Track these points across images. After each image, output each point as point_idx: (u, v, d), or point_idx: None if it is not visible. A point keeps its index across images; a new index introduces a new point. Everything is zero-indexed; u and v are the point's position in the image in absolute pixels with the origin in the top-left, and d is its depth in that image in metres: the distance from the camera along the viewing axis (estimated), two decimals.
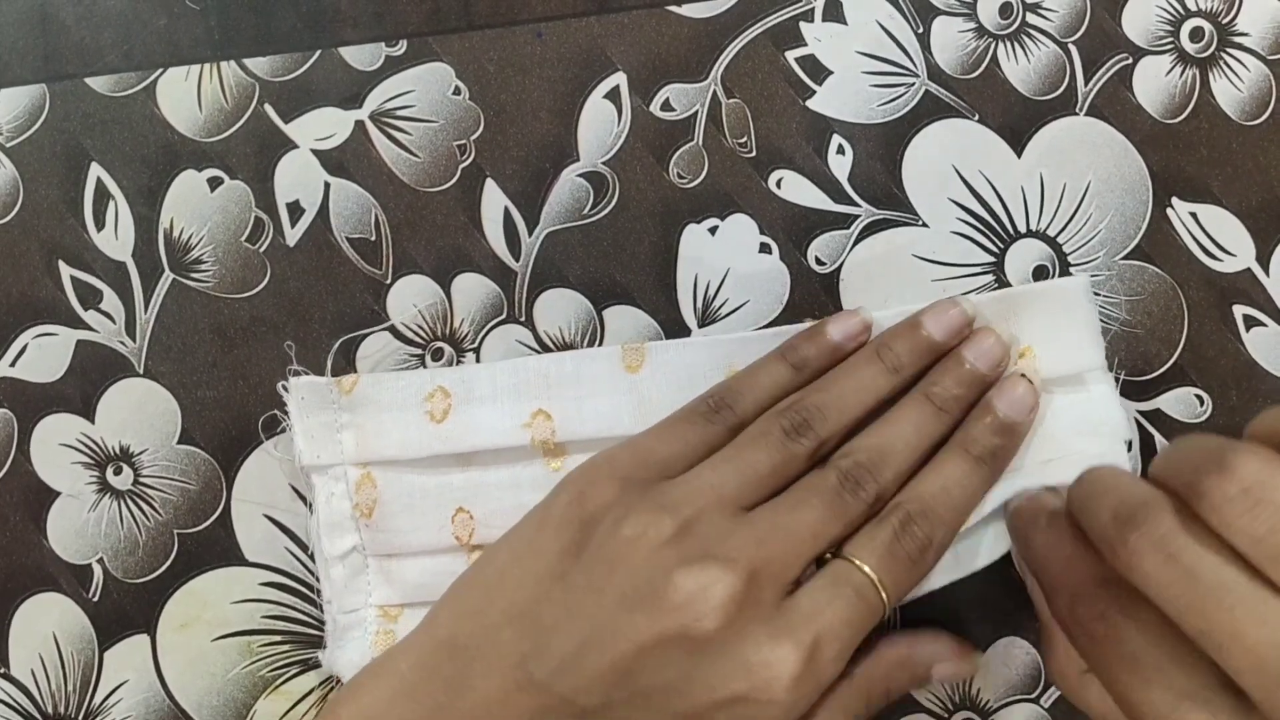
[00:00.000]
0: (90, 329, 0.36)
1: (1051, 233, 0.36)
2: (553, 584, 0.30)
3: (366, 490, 0.34)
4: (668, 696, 0.28)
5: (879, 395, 0.32)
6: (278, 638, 0.36)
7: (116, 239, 0.36)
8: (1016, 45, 0.36)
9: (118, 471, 0.36)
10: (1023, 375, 0.33)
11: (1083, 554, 0.28)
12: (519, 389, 0.34)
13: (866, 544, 0.30)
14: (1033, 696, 0.35)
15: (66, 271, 0.36)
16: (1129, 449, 0.34)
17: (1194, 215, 0.36)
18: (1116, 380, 0.34)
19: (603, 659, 0.28)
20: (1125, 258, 0.36)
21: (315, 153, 0.36)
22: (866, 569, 0.30)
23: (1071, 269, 0.35)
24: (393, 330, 0.36)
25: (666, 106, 0.36)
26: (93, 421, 0.36)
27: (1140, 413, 0.35)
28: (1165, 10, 0.36)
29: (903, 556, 0.30)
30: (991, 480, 0.32)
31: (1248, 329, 0.35)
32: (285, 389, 0.35)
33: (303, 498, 0.35)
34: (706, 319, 0.36)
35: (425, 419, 0.34)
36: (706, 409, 0.32)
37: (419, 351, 0.36)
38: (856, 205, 0.36)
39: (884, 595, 0.30)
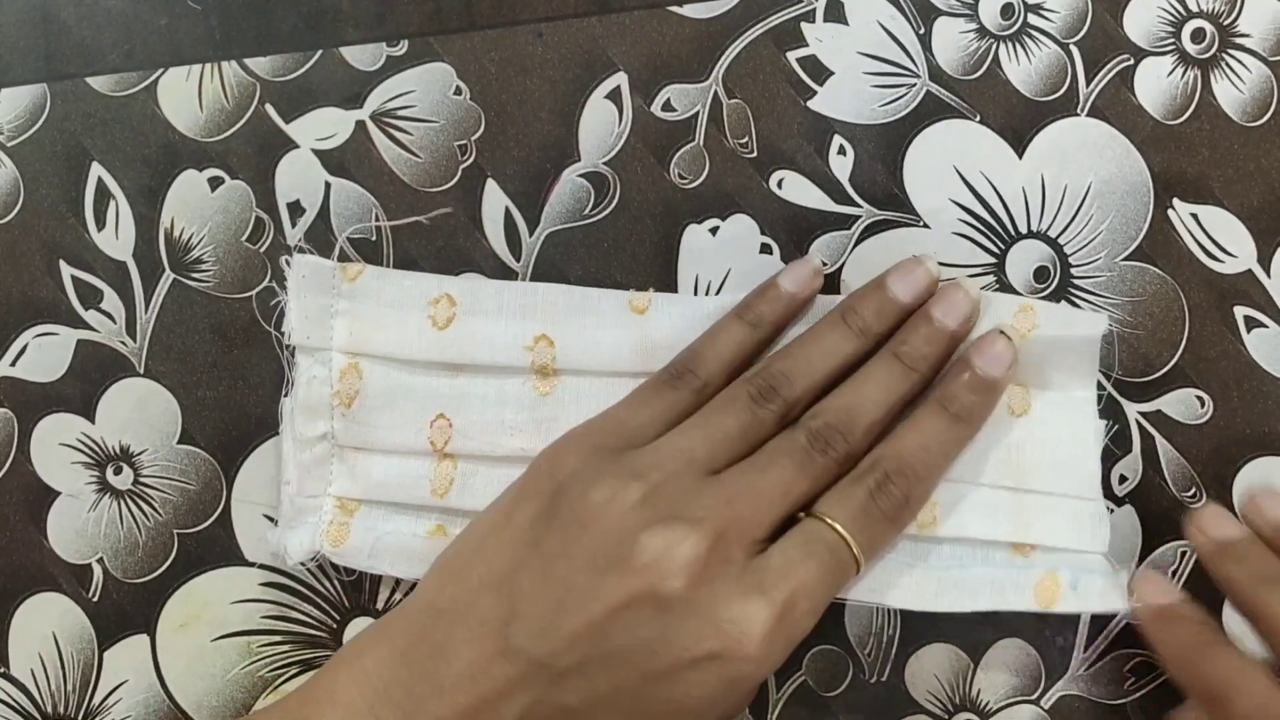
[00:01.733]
0: (91, 329, 0.36)
1: (1053, 234, 0.36)
2: (527, 551, 0.30)
3: (350, 380, 0.34)
4: (641, 656, 0.29)
5: (846, 359, 0.32)
6: (277, 638, 0.36)
7: (117, 239, 0.36)
8: (1018, 46, 0.36)
9: (118, 471, 0.36)
10: (1000, 331, 0.33)
11: (1201, 628, 0.32)
12: (525, 310, 0.34)
13: (841, 502, 0.31)
14: (1033, 698, 0.35)
15: (67, 271, 0.36)
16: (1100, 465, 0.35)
17: (1195, 216, 0.36)
18: (1104, 389, 0.35)
19: (576, 621, 0.29)
20: (1126, 259, 0.36)
21: (316, 153, 0.36)
22: (839, 528, 0.30)
23: (1073, 270, 0.35)
24: None
25: (668, 107, 0.36)
26: (93, 421, 0.36)
27: (1141, 414, 0.35)
28: (1167, 11, 0.36)
29: (878, 515, 0.31)
30: (968, 438, 0.33)
31: (1249, 330, 0.35)
32: (288, 263, 0.35)
33: None
34: None
35: (427, 323, 0.34)
36: (670, 376, 0.33)
37: None
38: (857, 206, 0.36)
39: (856, 553, 0.30)
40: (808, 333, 0.33)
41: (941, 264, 0.35)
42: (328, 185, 0.36)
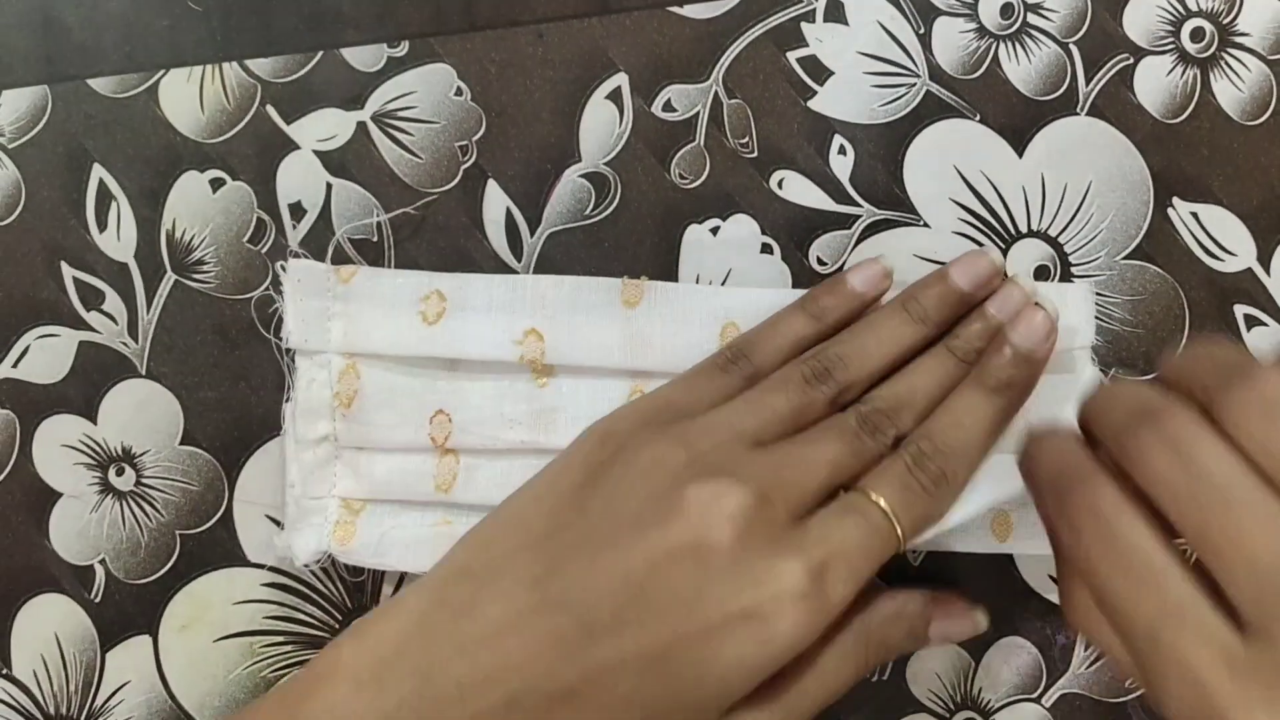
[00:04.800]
0: (92, 330, 0.36)
1: (1053, 233, 0.36)
2: (570, 514, 0.30)
3: (349, 380, 0.34)
4: (676, 612, 0.28)
5: (903, 346, 0.32)
6: (279, 638, 0.36)
7: (119, 240, 0.36)
8: (1017, 45, 0.36)
9: (120, 472, 0.36)
10: (1038, 305, 0.32)
11: (1079, 450, 0.27)
12: (514, 305, 0.34)
13: (881, 477, 0.30)
14: (1034, 696, 0.35)
15: (69, 272, 0.36)
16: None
17: (1195, 215, 0.36)
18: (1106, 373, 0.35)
19: (615, 573, 0.28)
20: (1126, 258, 0.36)
21: (317, 154, 0.36)
22: (880, 501, 0.30)
23: (1073, 269, 0.35)
24: None
25: (668, 107, 0.36)
26: (95, 422, 0.36)
27: None
28: (1166, 10, 0.36)
29: (917, 489, 0.30)
30: (1009, 412, 0.32)
31: (1249, 329, 0.35)
32: (283, 269, 0.35)
33: None
34: None
35: (418, 319, 0.34)
36: (724, 360, 0.32)
37: None
38: (858, 205, 0.36)
39: (898, 527, 0.30)
40: (865, 320, 0.33)
41: (943, 264, 0.35)
42: (329, 186, 0.36)
